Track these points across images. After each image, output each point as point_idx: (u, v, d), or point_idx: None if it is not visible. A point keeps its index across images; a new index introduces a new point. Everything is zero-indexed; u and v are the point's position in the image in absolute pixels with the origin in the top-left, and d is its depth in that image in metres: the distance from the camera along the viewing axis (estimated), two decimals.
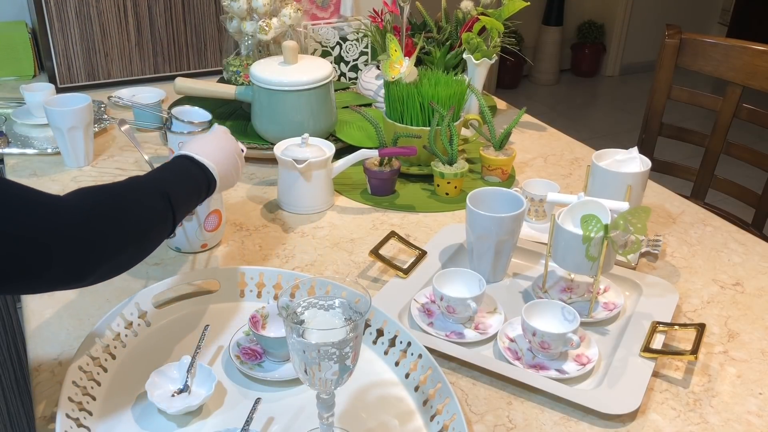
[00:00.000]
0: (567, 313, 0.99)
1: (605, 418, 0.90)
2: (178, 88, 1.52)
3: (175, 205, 0.91)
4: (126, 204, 0.85)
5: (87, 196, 0.82)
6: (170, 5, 1.87)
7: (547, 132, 1.72)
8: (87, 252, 0.78)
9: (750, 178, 1.97)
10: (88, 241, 0.78)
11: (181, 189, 0.94)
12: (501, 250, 1.12)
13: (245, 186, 1.43)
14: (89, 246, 0.78)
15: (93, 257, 0.78)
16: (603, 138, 4.15)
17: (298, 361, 0.74)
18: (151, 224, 0.88)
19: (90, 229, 0.78)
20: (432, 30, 1.77)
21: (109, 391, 0.92)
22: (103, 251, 0.79)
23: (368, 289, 1.10)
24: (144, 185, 0.90)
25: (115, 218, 0.82)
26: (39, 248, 0.73)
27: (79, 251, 0.77)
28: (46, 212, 0.75)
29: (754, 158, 1.75)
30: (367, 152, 1.36)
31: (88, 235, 0.78)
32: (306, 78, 1.44)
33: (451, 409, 0.86)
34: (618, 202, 1.06)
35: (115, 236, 0.81)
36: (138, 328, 1.01)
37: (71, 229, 0.76)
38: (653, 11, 5.06)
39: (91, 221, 0.79)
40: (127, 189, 0.88)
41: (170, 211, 0.90)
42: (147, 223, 0.87)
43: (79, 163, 1.49)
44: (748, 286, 1.17)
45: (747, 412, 0.92)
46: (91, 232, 0.78)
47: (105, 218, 0.81)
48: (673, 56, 1.81)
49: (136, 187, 0.89)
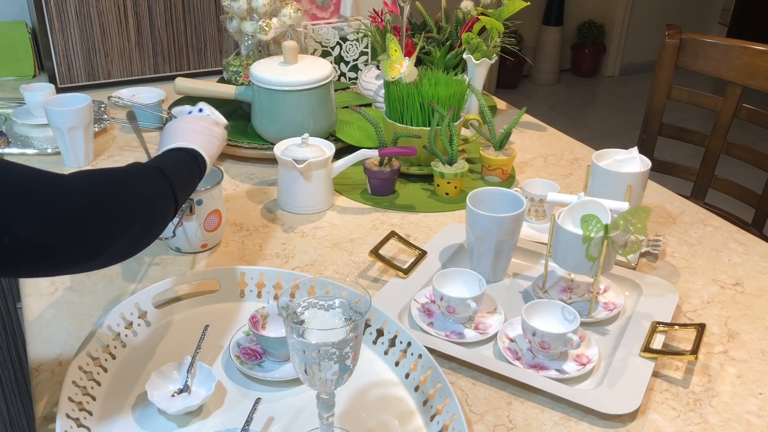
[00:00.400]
0: (567, 313, 0.99)
1: (605, 418, 0.90)
2: (178, 88, 1.52)
3: (173, 181, 0.91)
4: (127, 180, 0.86)
5: (88, 176, 0.82)
6: (170, 5, 1.87)
7: (547, 132, 1.72)
8: (94, 230, 0.78)
9: (750, 178, 1.97)
10: (93, 219, 0.78)
11: (175, 167, 0.95)
12: (501, 250, 1.12)
13: (245, 186, 1.43)
14: (96, 224, 0.78)
15: (101, 235, 0.79)
16: (603, 138, 4.15)
17: (298, 361, 0.74)
18: (154, 199, 0.88)
19: (94, 207, 0.79)
20: (432, 30, 1.77)
21: (109, 391, 0.92)
22: (110, 228, 0.80)
23: (368, 289, 1.10)
24: (140, 166, 0.92)
25: (118, 196, 0.83)
26: (46, 229, 0.73)
27: (87, 230, 0.77)
28: (49, 192, 0.75)
29: (754, 158, 1.75)
30: (367, 152, 1.36)
31: (92, 213, 0.78)
32: (306, 78, 1.44)
33: (451, 409, 0.86)
34: (618, 202, 1.06)
35: (120, 212, 0.82)
36: (138, 328, 1.01)
37: (76, 209, 0.77)
38: (653, 11, 5.06)
39: (94, 199, 0.79)
40: (126, 169, 0.89)
41: (170, 187, 0.91)
42: (149, 197, 0.88)
43: (79, 163, 1.49)
44: (748, 286, 1.17)
45: (747, 412, 0.92)
46: (96, 210, 0.79)
47: (108, 196, 0.81)
48: (673, 56, 1.81)
49: (133, 167, 0.90)
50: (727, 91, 1.75)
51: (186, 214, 1.16)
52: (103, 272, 1.15)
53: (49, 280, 1.13)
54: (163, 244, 1.22)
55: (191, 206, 1.16)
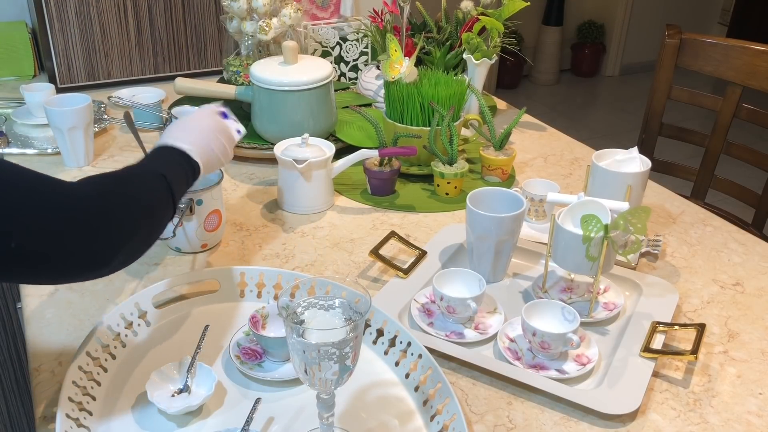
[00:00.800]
0: (567, 313, 0.99)
1: (605, 418, 0.90)
2: (178, 88, 1.52)
3: (173, 185, 0.92)
4: (132, 186, 0.86)
5: (96, 183, 0.83)
6: (170, 5, 1.87)
7: (547, 132, 1.72)
8: (105, 238, 0.78)
9: (750, 178, 1.97)
10: (104, 227, 0.78)
11: (176, 173, 0.95)
12: (501, 250, 1.12)
13: (245, 186, 1.43)
14: (107, 232, 0.79)
15: (111, 242, 0.79)
16: (603, 138, 4.15)
17: (298, 361, 0.74)
18: (157, 204, 0.89)
19: (105, 215, 0.79)
20: (432, 30, 1.77)
21: (109, 391, 0.92)
22: (120, 235, 0.80)
23: (368, 289, 1.10)
24: (141, 169, 0.92)
25: (125, 202, 0.83)
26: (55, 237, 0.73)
27: (98, 238, 0.77)
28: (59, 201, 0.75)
29: (754, 158, 1.75)
30: (367, 152, 1.36)
31: (105, 220, 0.79)
32: (306, 78, 1.44)
33: (451, 409, 0.86)
34: (618, 202, 1.06)
35: (128, 218, 0.82)
36: (138, 328, 1.01)
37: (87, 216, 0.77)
38: (653, 11, 5.06)
39: (104, 207, 0.80)
40: (128, 174, 0.89)
41: (170, 192, 0.91)
42: (153, 203, 0.88)
43: (79, 163, 1.49)
44: (748, 286, 1.17)
45: (747, 412, 0.92)
46: (105, 217, 0.79)
47: (116, 203, 0.82)
48: (673, 56, 1.81)
49: (136, 172, 0.91)
50: (727, 91, 1.75)
51: (186, 214, 1.16)
52: None
53: None
54: (163, 244, 1.22)
55: (191, 206, 1.16)
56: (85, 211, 0.77)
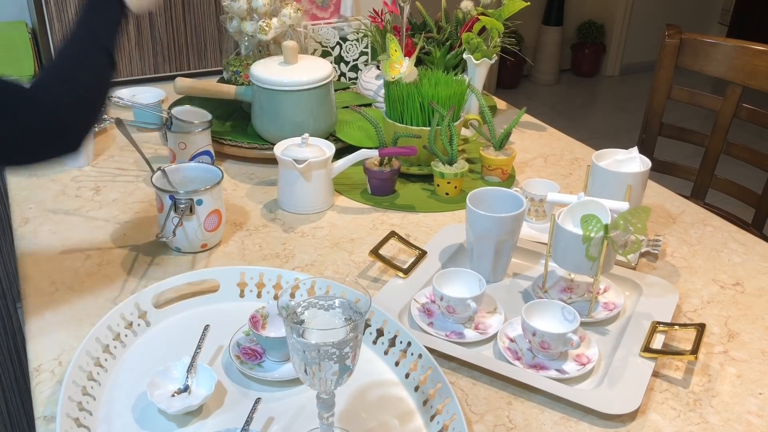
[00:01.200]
0: (567, 313, 0.99)
1: (605, 418, 0.90)
2: (178, 88, 1.52)
3: (115, 55, 1.00)
4: (81, 79, 0.95)
5: (48, 88, 0.91)
6: (170, 5, 1.87)
7: (547, 132, 1.72)
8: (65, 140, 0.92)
9: (750, 178, 1.97)
10: (67, 127, 0.91)
11: (110, 29, 1.01)
12: (501, 250, 1.12)
13: (245, 186, 1.43)
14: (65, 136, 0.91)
15: (72, 140, 0.92)
16: (603, 138, 4.15)
17: (298, 361, 0.74)
18: (105, 83, 0.99)
19: (67, 119, 0.91)
20: (432, 30, 1.77)
21: (109, 391, 0.92)
22: (79, 133, 0.93)
23: (368, 289, 1.11)
24: (85, 47, 0.98)
25: (84, 100, 0.94)
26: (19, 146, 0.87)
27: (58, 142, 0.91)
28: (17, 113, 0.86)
29: (754, 158, 1.75)
30: (367, 152, 1.36)
31: (65, 123, 0.91)
32: (306, 78, 1.44)
33: (451, 409, 0.86)
34: (618, 202, 1.06)
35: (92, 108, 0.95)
36: (138, 328, 1.01)
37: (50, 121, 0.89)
38: (653, 11, 5.06)
39: (65, 112, 0.91)
40: (76, 62, 0.96)
41: (113, 62, 1.00)
42: (104, 84, 0.98)
43: (79, 163, 1.49)
44: (748, 286, 1.17)
45: (747, 412, 0.92)
46: (69, 120, 0.91)
47: (75, 103, 0.92)
48: (673, 56, 1.81)
49: (81, 51, 0.98)
50: (727, 91, 1.75)
51: (186, 214, 1.16)
52: (103, 272, 1.15)
53: (49, 280, 1.13)
54: (163, 244, 1.22)
55: (191, 206, 1.16)
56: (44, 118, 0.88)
